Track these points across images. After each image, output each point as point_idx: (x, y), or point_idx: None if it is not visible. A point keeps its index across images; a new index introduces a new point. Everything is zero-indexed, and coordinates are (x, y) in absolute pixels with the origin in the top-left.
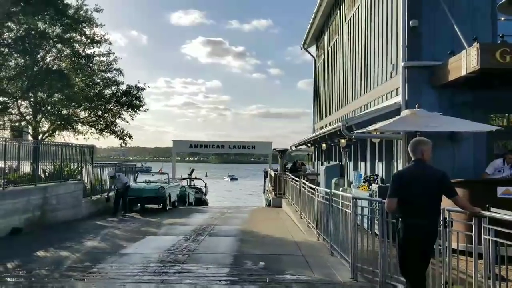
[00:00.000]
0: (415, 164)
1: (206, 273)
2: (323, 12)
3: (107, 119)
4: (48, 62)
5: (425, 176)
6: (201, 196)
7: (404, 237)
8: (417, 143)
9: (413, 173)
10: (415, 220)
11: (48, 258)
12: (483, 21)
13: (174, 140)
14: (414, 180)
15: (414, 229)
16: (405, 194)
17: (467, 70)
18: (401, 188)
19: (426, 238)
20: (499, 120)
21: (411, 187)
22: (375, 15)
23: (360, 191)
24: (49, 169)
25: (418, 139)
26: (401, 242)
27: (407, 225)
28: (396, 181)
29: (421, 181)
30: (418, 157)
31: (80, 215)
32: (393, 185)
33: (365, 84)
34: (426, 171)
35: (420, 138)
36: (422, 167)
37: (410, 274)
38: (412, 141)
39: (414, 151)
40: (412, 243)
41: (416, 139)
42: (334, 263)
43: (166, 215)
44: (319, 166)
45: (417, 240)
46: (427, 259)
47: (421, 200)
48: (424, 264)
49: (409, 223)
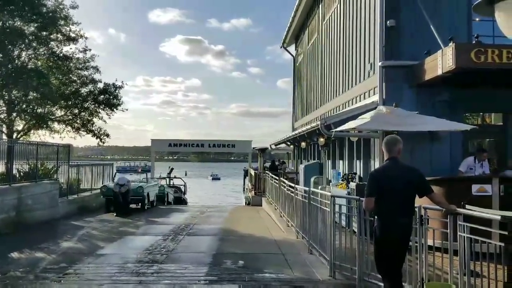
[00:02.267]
0: (391, 162)
1: (185, 273)
2: (302, 11)
3: (84, 118)
4: (23, 60)
5: (401, 175)
6: (180, 195)
7: (381, 235)
8: (395, 142)
9: (389, 171)
10: (392, 219)
11: (23, 260)
12: (459, 21)
13: (153, 139)
14: (390, 179)
15: (391, 227)
16: (382, 193)
17: (443, 69)
18: (378, 187)
19: (402, 236)
20: (474, 119)
21: (387, 186)
22: (353, 14)
23: (338, 189)
24: (24, 169)
25: (395, 138)
26: (378, 240)
27: (384, 223)
28: (373, 180)
29: (398, 179)
30: (394, 155)
31: (57, 215)
32: (370, 184)
33: (343, 83)
34: (402, 170)
35: (396, 136)
36: (398, 165)
37: (386, 271)
38: (389, 140)
39: (390, 150)
40: (388, 241)
41: (392, 137)
42: (313, 261)
43: (145, 215)
44: (299, 164)
45: (394, 238)
46: (403, 257)
47: (397, 199)
48: (400, 261)
49: (386, 221)
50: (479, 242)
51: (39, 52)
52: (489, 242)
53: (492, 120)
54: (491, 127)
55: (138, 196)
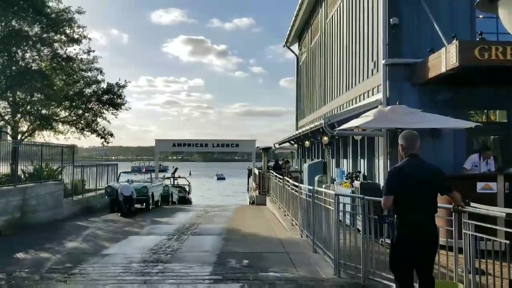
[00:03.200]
0: (412, 159)
1: (190, 272)
2: (305, 10)
3: (88, 118)
4: (27, 61)
5: (423, 172)
6: (185, 195)
7: (400, 235)
8: (415, 138)
9: (411, 169)
10: (413, 217)
11: (29, 260)
12: (462, 19)
13: (157, 139)
14: (412, 177)
15: (412, 226)
16: (402, 191)
17: (446, 67)
18: (399, 185)
19: (424, 235)
20: (478, 116)
21: (408, 184)
22: (356, 13)
23: (342, 188)
24: (29, 170)
25: (415, 133)
26: (396, 240)
27: (404, 223)
28: (393, 178)
29: (419, 177)
30: (414, 152)
31: (62, 216)
32: (389, 181)
33: (347, 81)
34: (423, 167)
35: (414, 132)
36: (419, 162)
37: (401, 272)
38: (409, 135)
39: (411, 146)
40: (408, 240)
41: (411, 132)
42: (318, 260)
43: (149, 215)
44: (303, 163)
45: (414, 238)
46: (431, 258)
47: (419, 197)
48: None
49: (407, 220)
50: (484, 240)
51: (43, 54)
52: (494, 239)
53: (496, 118)
54: (496, 124)
55: (142, 196)
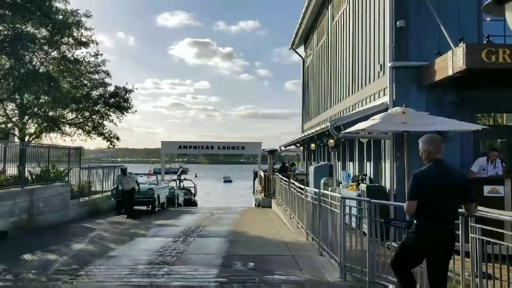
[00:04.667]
0: (438, 164)
1: (195, 274)
2: (311, 12)
3: (95, 121)
4: (35, 64)
5: (451, 179)
6: (190, 197)
7: (418, 242)
8: (441, 142)
9: (438, 174)
10: (436, 225)
11: (35, 262)
12: (469, 22)
13: (163, 141)
14: (438, 182)
15: (433, 235)
16: (428, 197)
17: (453, 70)
18: (424, 190)
19: (447, 243)
20: (485, 119)
21: (434, 190)
22: (363, 15)
23: (348, 191)
24: (36, 171)
25: (439, 137)
26: (411, 245)
27: (425, 230)
28: (418, 183)
29: (447, 184)
30: (438, 157)
31: (68, 218)
32: (414, 186)
33: (353, 84)
34: (452, 174)
35: (438, 136)
36: (447, 168)
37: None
38: (433, 139)
39: (437, 151)
40: (424, 249)
41: (435, 136)
42: (323, 263)
43: (155, 217)
44: (308, 166)
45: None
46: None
47: (444, 204)
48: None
49: (430, 227)
50: (491, 244)
51: (51, 56)
52: (501, 243)
53: (503, 121)
54: (503, 127)
55: (148, 198)
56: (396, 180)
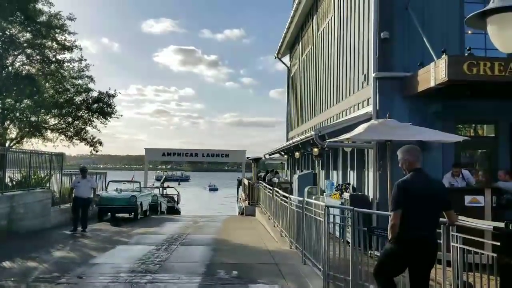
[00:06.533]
0: (418, 174)
1: (178, 282)
2: (297, 22)
3: (77, 126)
4: (17, 67)
5: (431, 188)
6: (173, 205)
7: (400, 250)
8: (419, 152)
9: (418, 184)
10: (418, 233)
11: (15, 269)
12: (452, 34)
13: (147, 148)
14: (420, 192)
15: (416, 243)
16: (411, 206)
17: (435, 81)
18: (406, 200)
19: (428, 251)
20: (466, 130)
21: (416, 199)
22: (347, 26)
23: (332, 200)
24: (16, 177)
25: (417, 147)
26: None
27: (408, 238)
28: (401, 193)
29: (428, 192)
30: (418, 166)
31: (49, 224)
32: (397, 196)
33: (337, 94)
34: (432, 182)
35: (416, 146)
36: (426, 177)
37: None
38: (411, 149)
39: (415, 160)
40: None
41: (413, 147)
42: (307, 272)
43: (138, 224)
44: (293, 174)
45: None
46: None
47: (426, 213)
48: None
49: (412, 235)
50: (472, 253)
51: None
52: (481, 252)
53: (484, 132)
54: (483, 138)
55: (131, 205)
56: (379, 189)
